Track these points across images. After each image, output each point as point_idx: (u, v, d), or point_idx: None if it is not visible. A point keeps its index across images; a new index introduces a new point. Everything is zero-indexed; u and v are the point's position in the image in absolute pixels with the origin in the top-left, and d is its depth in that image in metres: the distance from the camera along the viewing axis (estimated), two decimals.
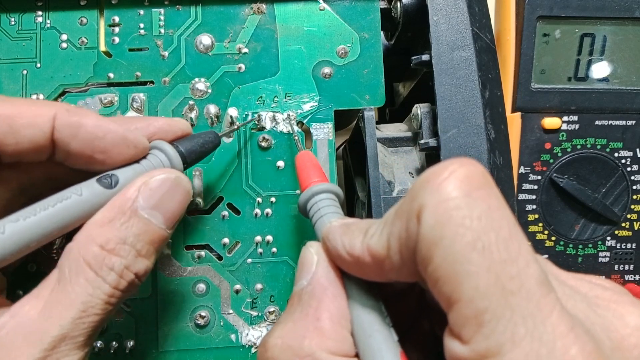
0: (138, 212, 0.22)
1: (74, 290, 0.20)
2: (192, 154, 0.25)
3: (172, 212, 0.23)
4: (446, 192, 0.16)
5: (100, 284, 0.21)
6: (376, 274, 0.19)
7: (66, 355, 0.20)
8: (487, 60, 0.28)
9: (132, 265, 0.22)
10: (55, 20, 0.29)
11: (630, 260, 0.42)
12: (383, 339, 0.18)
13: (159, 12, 0.29)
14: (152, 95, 0.29)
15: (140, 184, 0.22)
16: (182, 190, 0.23)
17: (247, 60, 0.29)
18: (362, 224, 0.20)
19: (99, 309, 0.21)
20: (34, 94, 0.28)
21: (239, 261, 0.29)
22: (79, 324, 0.20)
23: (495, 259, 0.15)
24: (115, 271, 0.21)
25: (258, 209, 0.29)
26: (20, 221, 0.20)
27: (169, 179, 0.23)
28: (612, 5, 0.40)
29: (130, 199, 0.22)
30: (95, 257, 0.21)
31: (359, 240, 0.19)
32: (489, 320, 0.15)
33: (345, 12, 0.29)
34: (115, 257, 0.21)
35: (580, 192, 0.41)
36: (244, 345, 0.28)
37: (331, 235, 0.21)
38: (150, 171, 0.23)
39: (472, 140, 0.27)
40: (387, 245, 0.18)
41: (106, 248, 0.21)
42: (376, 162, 0.28)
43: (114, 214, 0.22)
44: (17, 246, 0.20)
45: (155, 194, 0.22)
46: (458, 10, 0.28)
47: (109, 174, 0.22)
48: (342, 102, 0.29)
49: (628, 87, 0.41)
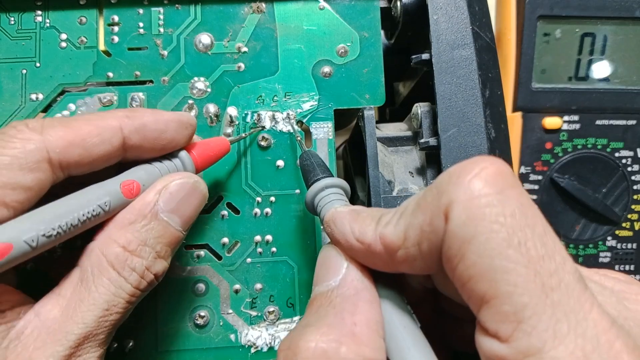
0: (158, 215, 0.23)
1: (98, 290, 0.21)
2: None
3: (189, 215, 0.24)
4: (478, 189, 0.16)
5: (122, 284, 0.22)
6: (384, 264, 0.19)
7: (88, 352, 0.21)
8: (487, 59, 0.28)
9: (152, 266, 0.23)
10: (54, 20, 0.28)
11: (630, 260, 0.42)
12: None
13: (158, 12, 0.29)
14: (151, 95, 0.29)
15: (161, 188, 0.23)
16: (199, 194, 0.24)
17: (247, 60, 0.29)
18: (373, 211, 0.20)
19: (120, 308, 0.22)
20: (33, 93, 0.28)
21: (239, 261, 0.29)
22: (102, 322, 0.21)
23: (533, 255, 0.15)
24: (137, 271, 0.22)
25: (257, 208, 0.29)
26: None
27: (187, 184, 0.24)
28: (613, 5, 0.40)
29: (151, 202, 0.23)
30: (117, 257, 0.22)
31: (371, 228, 0.19)
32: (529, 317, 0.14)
33: (345, 11, 0.29)
34: (137, 258, 0.22)
35: (581, 192, 0.41)
36: (243, 345, 0.28)
37: (338, 221, 0.20)
38: (169, 175, 0.24)
39: (473, 140, 0.27)
40: (404, 235, 0.18)
41: (128, 249, 0.22)
42: (376, 162, 0.28)
43: (135, 216, 0.22)
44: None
45: (174, 197, 0.23)
46: (458, 9, 0.28)
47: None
48: (342, 102, 0.29)
49: (629, 87, 0.41)
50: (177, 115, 0.24)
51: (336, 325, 0.18)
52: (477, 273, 0.15)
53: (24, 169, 0.20)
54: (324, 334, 0.18)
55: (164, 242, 0.23)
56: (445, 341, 0.22)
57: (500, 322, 0.15)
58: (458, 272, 0.16)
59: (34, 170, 0.21)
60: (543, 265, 0.15)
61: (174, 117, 0.24)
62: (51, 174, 0.21)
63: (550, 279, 0.15)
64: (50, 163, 0.21)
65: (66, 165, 0.21)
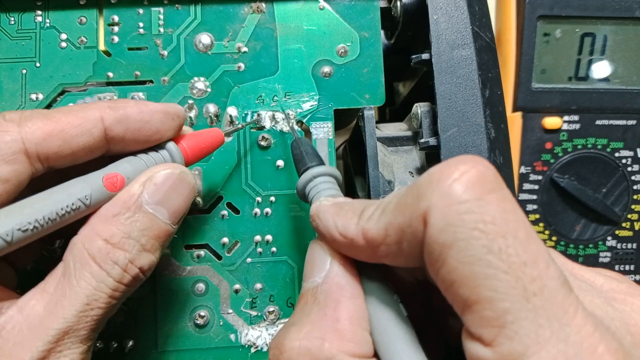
0: (143, 207, 0.22)
1: (79, 284, 0.21)
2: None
3: (177, 207, 0.23)
4: (457, 195, 0.15)
5: (104, 278, 0.21)
6: (368, 257, 0.19)
7: (69, 348, 0.20)
8: (487, 59, 0.28)
9: (136, 260, 0.22)
10: (54, 20, 0.28)
11: (631, 260, 0.42)
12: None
13: (158, 11, 0.29)
14: (151, 95, 0.29)
15: (145, 179, 0.22)
16: (187, 185, 0.23)
17: (247, 59, 0.29)
18: (356, 204, 0.20)
19: (102, 303, 0.21)
20: (33, 93, 0.28)
21: (239, 261, 0.29)
22: (82, 317, 0.21)
23: (514, 261, 0.15)
24: (119, 265, 0.21)
25: (257, 208, 0.29)
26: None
27: (173, 174, 0.23)
28: (613, 5, 0.40)
29: (135, 194, 0.22)
30: (99, 250, 0.21)
31: (354, 222, 0.19)
32: (511, 322, 0.14)
33: (345, 11, 0.29)
34: (119, 250, 0.21)
35: (581, 192, 0.41)
36: (243, 345, 0.28)
37: (322, 215, 0.20)
38: (155, 166, 0.23)
39: (472, 140, 0.27)
40: (385, 233, 0.18)
41: (111, 242, 0.21)
42: (376, 162, 0.28)
43: (119, 208, 0.22)
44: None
45: (160, 189, 0.22)
46: (458, 9, 0.28)
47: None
48: (341, 101, 0.29)
49: (629, 87, 0.41)
50: (163, 106, 0.23)
51: (319, 322, 0.18)
52: (458, 278, 0.15)
53: (0, 160, 0.20)
54: (307, 332, 0.18)
55: (150, 235, 0.22)
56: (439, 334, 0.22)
57: (483, 327, 0.15)
58: (440, 276, 0.16)
59: (10, 162, 0.20)
60: (525, 270, 0.15)
61: (159, 107, 0.23)
62: (29, 166, 0.21)
63: (532, 285, 0.15)
64: (27, 155, 0.21)
65: (45, 157, 0.21)
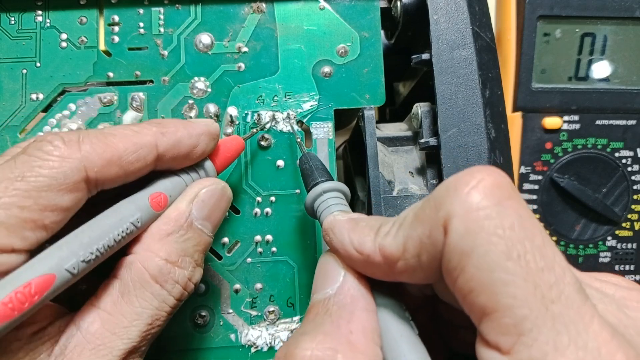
0: (193, 224, 0.23)
1: (141, 304, 0.21)
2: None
3: (219, 220, 0.24)
4: (476, 201, 0.16)
5: (166, 297, 0.22)
6: (384, 274, 0.19)
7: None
8: (488, 59, 0.28)
9: (193, 276, 0.23)
10: (55, 20, 0.28)
11: (631, 260, 0.42)
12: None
13: (158, 11, 0.29)
14: (151, 95, 0.29)
15: (193, 197, 0.23)
16: (227, 198, 0.25)
17: (247, 59, 0.29)
18: (372, 221, 0.20)
19: (162, 321, 0.22)
20: (33, 93, 0.28)
21: (239, 261, 0.29)
22: (145, 336, 0.21)
23: (532, 267, 0.15)
24: (180, 283, 0.22)
25: (258, 208, 0.29)
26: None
27: (217, 190, 0.24)
28: (613, 5, 0.40)
29: (185, 212, 0.23)
30: (160, 270, 0.21)
31: (370, 239, 0.19)
32: (529, 329, 0.14)
33: (345, 11, 0.29)
34: (179, 269, 0.22)
35: (581, 192, 0.41)
36: (243, 345, 0.28)
37: (337, 230, 0.20)
38: (197, 182, 0.24)
39: (473, 140, 0.27)
40: (403, 247, 0.17)
41: (170, 261, 0.22)
42: (376, 162, 0.28)
43: (172, 227, 0.22)
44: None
45: (206, 205, 0.23)
46: (458, 9, 0.28)
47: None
48: (342, 101, 0.29)
49: (629, 87, 0.41)
50: (207, 128, 0.24)
51: (332, 333, 0.18)
52: (477, 286, 0.15)
53: (63, 189, 0.20)
54: (319, 342, 0.18)
55: (200, 250, 0.23)
56: (443, 344, 0.22)
57: (501, 335, 0.15)
58: (458, 285, 0.16)
59: (72, 190, 0.20)
60: (542, 277, 0.15)
61: (204, 129, 0.24)
62: (87, 193, 0.21)
63: (550, 291, 0.15)
64: (87, 182, 0.20)
65: (102, 183, 0.21)
